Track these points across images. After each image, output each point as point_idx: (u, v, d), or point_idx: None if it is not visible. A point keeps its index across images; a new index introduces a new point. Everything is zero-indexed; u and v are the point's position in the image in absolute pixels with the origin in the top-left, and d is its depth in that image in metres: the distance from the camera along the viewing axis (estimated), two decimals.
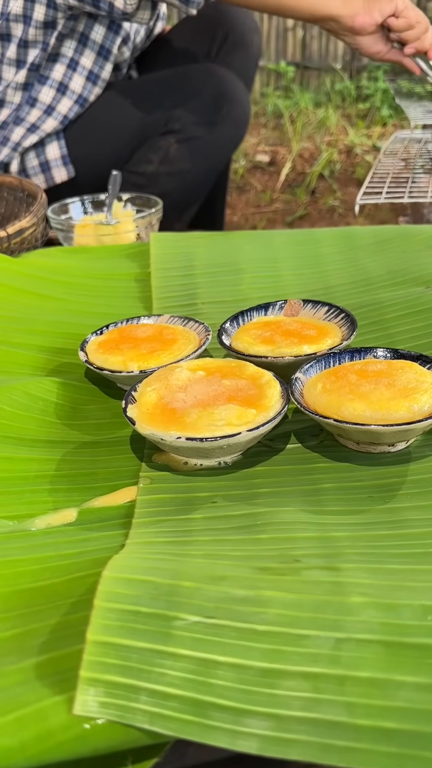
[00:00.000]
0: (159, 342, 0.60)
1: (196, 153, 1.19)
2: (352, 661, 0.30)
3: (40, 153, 1.15)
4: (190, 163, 1.19)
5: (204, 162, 1.21)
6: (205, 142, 1.18)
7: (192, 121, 1.17)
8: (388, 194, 0.96)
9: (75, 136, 1.16)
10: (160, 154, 1.18)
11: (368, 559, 0.37)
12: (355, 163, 2.42)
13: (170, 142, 1.17)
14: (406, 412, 0.46)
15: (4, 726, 0.28)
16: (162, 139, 1.17)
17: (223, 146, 1.23)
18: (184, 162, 1.19)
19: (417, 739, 0.28)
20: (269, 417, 0.48)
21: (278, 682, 0.30)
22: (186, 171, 1.20)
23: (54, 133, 1.14)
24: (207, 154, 1.20)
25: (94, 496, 0.47)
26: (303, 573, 0.35)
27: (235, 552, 0.38)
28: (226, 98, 1.17)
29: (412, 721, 0.29)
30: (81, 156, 1.17)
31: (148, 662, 0.30)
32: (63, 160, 1.16)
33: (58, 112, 1.13)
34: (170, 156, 1.18)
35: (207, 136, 1.18)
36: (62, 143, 1.15)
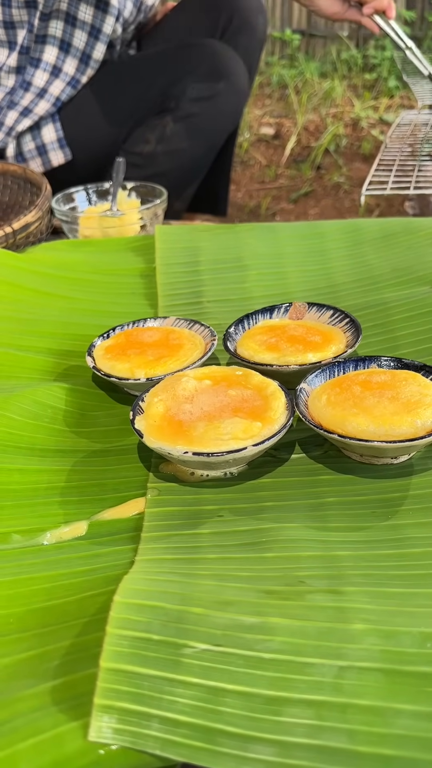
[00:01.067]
0: (165, 347, 0.60)
1: (193, 131, 1.17)
2: (353, 689, 0.32)
3: (36, 136, 1.14)
4: (187, 141, 1.17)
5: (202, 139, 1.19)
6: (202, 120, 1.17)
7: (188, 99, 1.15)
8: (393, 185, 0.96)
9: (70, 118, 1.15)
10: (156, 133, 1.16)
11: (370, 581, 0.38)
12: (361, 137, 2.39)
13: (167, 120, 1.16)
14: (409, 427, 0.47)
15: (24, 752, 0.30)
16: (158, 119, 1.16)
17: (221, 123, 1.21)
18: (181, 141, 1.17)
19: (414, 766, 0.30)
20: (274, 430, 0.49)
21: (283, 709, 0.31)
22: (184, 149, 1.18)
23: (48, 116, 1.13)
24: (205, 132, 1.19)
25: (103, 507, 0.48)
26: (307, 597, 0.37)
27: (242, 572, 0.40)
28: (223, 74, 1.15)
29: (410, 748, 0.30)
30: (77, 138, 1.16)
31: (159, 690, 0.31)
32: (59, 143, 1.15)
33: (51, 94, 1.12)
34: (167, 135, 1.16)
35: (204, 113, 1.16)
36: (57, 126, 1.14)
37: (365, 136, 2.37)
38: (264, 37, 1.26)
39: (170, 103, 1.14)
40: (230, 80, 1.15)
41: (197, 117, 1.16)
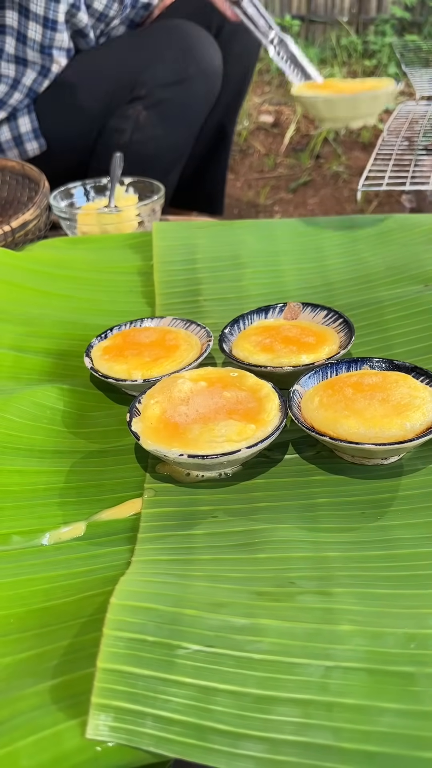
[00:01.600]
0: (162, 348, 0.61)
1: (167, 116, 1.16)
2: (339, 688, 0.33)
3: (13, 127, 1.14)
4: (162, 128, 1.16)
5: (177, 124, 1.18)
6: (174, 105, 1.15)
7: (158, 84, 1.13)
8: (390, 180, 0.96)
9: (45, 108, 1.14)
10: (130, 123, 1.16)
11: (358, 582, 0.40)
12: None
13: (138, 109, 1.15)
14: (399, 429, 0.49)
15: (25, 749, 0.31)
16: (130, 107, 1.15)
17: (194, 107, 1.19)
18: (155, 127, 1.16)
19: (397, 762, 0.31)
20: (268, 432, 0.50)
21: (272, 708, 0.33)
22: (160, 136, 1.17)
23: (23, 107, 1.13)
24: (178, 117, 1.17)
25: (101, 508, 0.49)
26: (297, 598, 0.38)
27: (234, 573, 0.41)
28: (192, 56, 1.13)
29: (393, 745, 0.31)
30: (52, 128, 1.16)
31: (154, 689, 0.33)
32: (34, 134, 1.15)
33: (23, 85, 1.12)
34: (141, 123, 1.16)
35: (175, 98, 1.15)
36: (33, 116, 1.14)
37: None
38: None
39: (141, 90, 1.13)
40: (200, 63, 1.13)
41: (169, 102, 1.15)
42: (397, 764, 0.31)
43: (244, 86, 1.29)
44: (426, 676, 0.33)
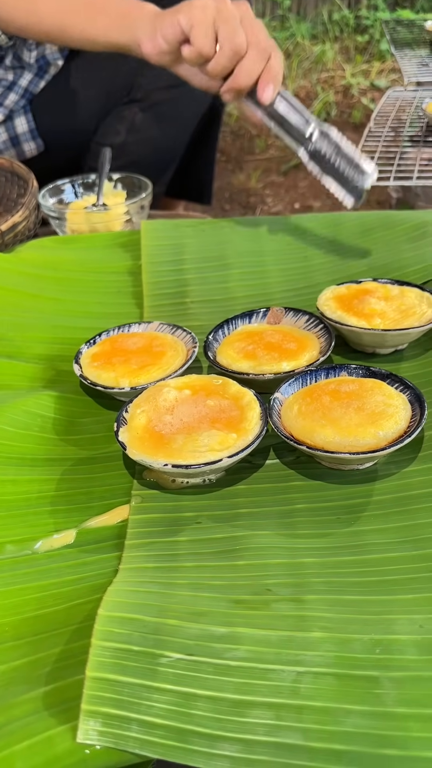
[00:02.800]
0: (149, 355, 0.63)
1: (162, 119, 1.17)
2: (308, 692, 0.36)
3: (9, 128, 1.15)
4: (157, 129, 1.18)
5: (172, 126, 1.19)
6: (169, 107, 1.17)
7: (154, 88, 1.14)
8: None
9: (42, 109, 1.16)
10: (126, 124, 1.17)
11: (331, 588, 0.42)
12: (351, 105, 2.38)
13: (134, 111, 1.16)
14: (372, 438, 0.51)
15: (19, 753, 0.34)
16: (126, 109, 1.16)
17: (190, 109, 1.20)
18: (151, 129, 1.17)
19: (362, 759, 0.34)
20: (248, 441, 0.53)
21: (247, 711, 0.35)
22: (155, 138, 1.19)
23: (19, 108, 1.14)
24: (174, 119, 1.19)
25: (90, 515, 0.52)
26: (272, 606, 0.41)
27: (215, 581, 0.44)
28: None
29: (357, 743, 0.34)
30: (49, 129, 1.17)
31: (138, 696, 0.36)
32: (31, 134, 1.16)
33: (19, 86, 1.13)
34: (137, 125, 1.17)
35: (171, 100, 1.16)
36: (29, 117, 1.15)
37: (356, 104, 2.36)
38: None
39: (137, 93, 1.14)
40: None
41: (165, 105, 1.16)
42: (362, 761, 0.34)
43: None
44: (389, 679, 0.36)
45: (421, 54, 1.63)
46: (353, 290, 0.68)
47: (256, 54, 0.73)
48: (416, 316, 0.64)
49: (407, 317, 0.64)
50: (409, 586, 0.42)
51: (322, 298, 0.67)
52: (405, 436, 0.51)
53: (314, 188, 1.95)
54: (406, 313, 0.64)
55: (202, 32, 0.72)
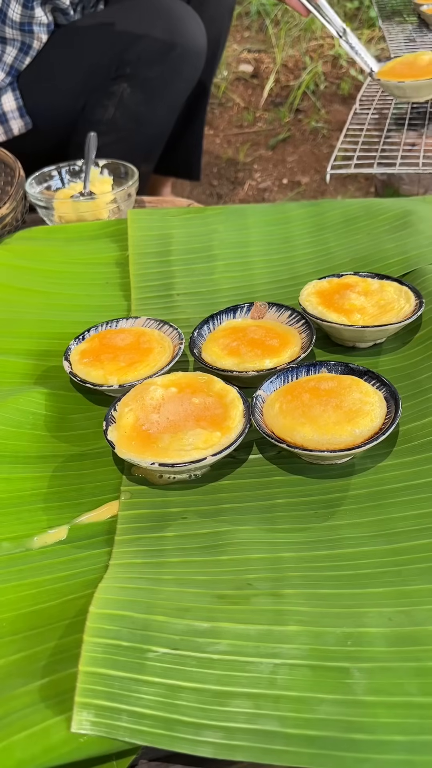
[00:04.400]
0: (136, 352, 0.65)
1: (151, 95, 1.16)
2: (285, 683, 0.39)
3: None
4: (146, 105, 1.17)
5: (161, 102, 1.19)
6: (158, 83, 1.16)
7: (143, 63, 1.13)
8: (358, 162, 0.99)
9: (29, 86, 1.15)
10: (114, 100, 1.16)
11: (307, 582, 0.45)
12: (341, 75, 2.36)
13: (123, 87, 1.15)
14: (349, 436, 0.54)
15: (18, 742, 0.37)
16: (114, 84, 1.15)
17: (179, 85, 1.20)
18: (140, 105, 1.17)
19: (333, 743, 0.37)
20: (232, 439, 0.55)
21: (228, 701, 0.38)
22: (143, 114, 1.18)
23: (6, 85, 1.13)
24: (162, 95, 1.18)
25: (82, 511, 0.55)
26: (252, 600, 0.44)
27: (200, 576, 0.46)
28: (177, 35, 1.13)
29: (329, 729, 0.37)
30: (37, 106, 1.16)
31: (128, 688, 0.39)
32: (19, 112, 1.16)
33: (5, 63, 1.12)
34: (125, 101, 1.16)
35: (159, 76, 1.15)
36: (17, 94, 1.15)
37: (344, 74, 2.34)
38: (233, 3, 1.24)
39: (125, 69, 1.13)
40: (185, 41, 1.13)
41: (153, 81, 1.15)
42: (333, 745, 0.37)
43: (217, 53, 1.29)
44: (358, 669, 0.39)
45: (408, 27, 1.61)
46: (334, 285, 0.70)
47: None
48: (394, 311, 0.66)
49: (386, 313, 0.66)
50: (380, 580, 0.45)
51: (304, 294, 0.69)
52: (379, 434, 0.53)
53: (302, 163, 1.95)
54: (385, 309, 0.66)
55: None
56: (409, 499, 0.52)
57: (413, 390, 0.61)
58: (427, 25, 1.58)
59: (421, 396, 0.61)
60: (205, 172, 1.93)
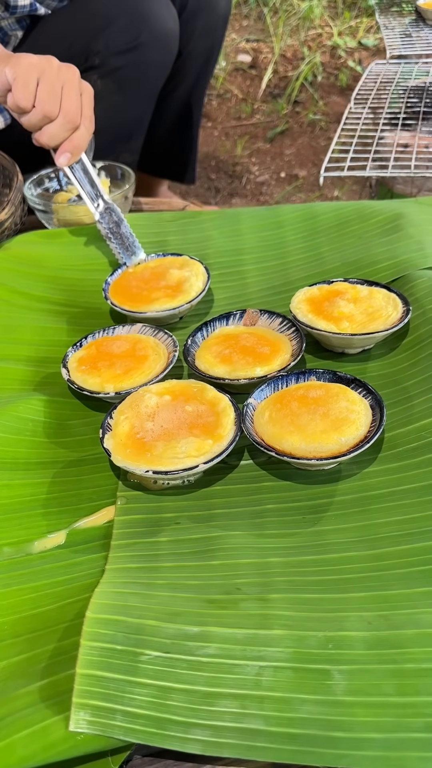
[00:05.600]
0: (132, 359, 0.68)
1: (123, 85, 1.15)
2: (269, 684, 0.41)
3: None
4: (119, 95, 1.15)
5: (134, 91, 1.17)
6: (129, 72, 1.14)
7: (111, 53, 1.12)
8: (351, 164, 1.00)
9: None
10: None
11: (293, 587, 0.48)
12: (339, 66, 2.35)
13: (93, 78, 1.14)
14: (335, 444, 0.56)
15: (19, 741, 0.40)
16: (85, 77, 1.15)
17: (151, 72, 1.18)
18: (113, 95, 1.15)
19: (314, 740, 0.40)
20: (223, 447, 0.57)
21: (216, 701, 0.41)
22: (117, 104, 1.16)
23: None
24: (135, 83, 1.16)
25: (79, 516, 0.57)
26: (240, 605, 0.46)
27: (191, 581, 0.49)
28: (144, 21, 1.11)
29: (311, 727, 0.40)
30: None
31: (122, 690, 0.41)
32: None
33: None
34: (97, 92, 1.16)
35: (129, 64, 1.13)
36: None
37: (343, 64, 2.34)
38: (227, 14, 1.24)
39: (94, 60, 1.12)
40: (153, 27, 1.12)
41: (123, 69, 1.13)
42: (314, 742, 0.40)
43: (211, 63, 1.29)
44: (339, 671, 0.42)
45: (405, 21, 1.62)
46: (324, 291, 0.72)
47: (63, 122, 0.81)
48: (382, 319, 0.68)
49: (374, 320, 0.68)
50: (362, 585, 0.48)
51: (294, 301, 0.71)
52: (364, 442, 0.56)
53: (300, 156, 1.96)
54: (373, 316, 0.68)
55: (21, 87, 0.79)
56: (392, 504, 0.54)
57: (399, 396, 0.63)
58: (424, 20, 1.58)
59: (406, 402, 0.63)
60: (203, 166, 1.94)
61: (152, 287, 0.77)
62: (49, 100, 0.79)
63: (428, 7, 1.56)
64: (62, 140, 0.83)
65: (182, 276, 0.77)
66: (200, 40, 1.19)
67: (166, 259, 0.81)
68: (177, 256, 0.81)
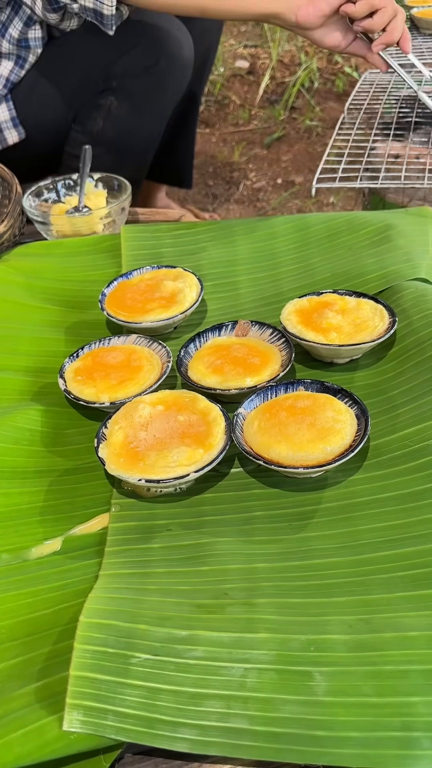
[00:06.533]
0: (127, 370, 0.70)
1: (138, 107, 1.20)
2: (254, 685, 0.43)
3: None
4: (133, 117, 1.20)
5: (148, 115, 1.22)
6: (145, 96, 1.19)
7: (129, 77, 1.17)
8: (343, 175, 1.02)
9: (21, 97, 1.18)
10: (102, 112, 1.19)
11: (278, 592, 0.50)
12: (336, 71, 2.37)
13: (110, 100, 1.19)
14: (321, 453, 0.58)
15: (16, 740, 0.42)
16: (102, 98, 1.19)
17: (166, 98, 1.23)
18: (127, 117, 1.20)
19: (295, 738, 0.42)
20: (213, 456, 0.59)
21: (202, 701, 0.43)
22: (131, 125, 1.21)
23: (1, 97, 1.17)
24: (149, 107, 1.21)
25: (75, 524, 0.59)
26: (227, 609, 0.48)
27: (181, 586, 0.51)
28: (163, 47, 1.16)
29: (293, 726, 0.42)
30: (29, 117, 1.20)
31: (113, 691, 0.43)
32: (12, 122, 1.19)
33: (1, 76, 1.15)
34: (113, 113, 1.19)
35: (146, 90, 1.18)
36: (10, 105, 1.18)
37: (339, 70, 2.36)
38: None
39: (112, 83, 1.16)
40: (170, 53, 1.16)
41: (139, 94, 1.18)
42: (296, 741, 0.42)
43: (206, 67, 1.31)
44: (320, 673, 0.44)
45: None
46: (314, 303, 0.74)
47: (401, 16, 0.92)
48: (369, 330, 0.70)
49: (361, 331, 0.70)
50: (345, 589, 0.50)
51: (285, 312, 0.73)
52: (348, 451, 0.58)
53: (297, 162, 1.98)
54: (360, 327, 0.70)
55: None
56: (375, 512, 0.56)
57: (385, 405, 0.65)
58: (418, 29, 1.60)
59: (392, 411, 0.65)
60: (201, 172, 1.96)
61: (147, 298, 0.79)
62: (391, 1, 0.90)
63: (422, 16, 1.58)
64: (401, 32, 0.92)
65: (176, 287, 0.80)
66: (197, 43, 1.22)
67: (160, 271, 0.83)
68: (171, 268, 0.83)
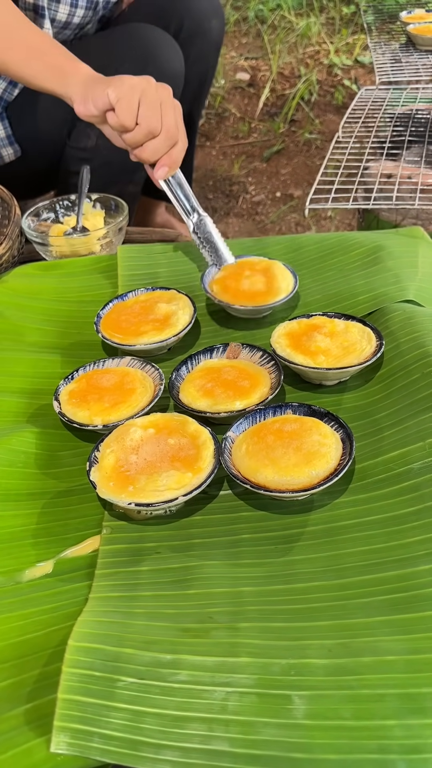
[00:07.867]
0: (120, 392, 0.71)
1: None
2: (235, 708, 0.45)
3: None
4: None
5: None
6: None
7: None
8: (336, 195, 1.04)
9: (16, 115, 1.20)
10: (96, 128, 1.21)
11: (262, 616, 0.51)
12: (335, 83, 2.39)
13: None
14: (306, 477, 0.59)
15: (4, 762, 0.43)
16: None
17: None
18: None
19: (275, 761, 0.43)
20: (202, 479, 0.61)
21: (185, 724, 0.44)
22: None
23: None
24: None
25: (67, 546, 0.61)
26: (212, 633, 0.49)
27: (168, 609, 0.52)
28: (152, 60, 1.17)
29: (272, 749, 0.43)
30: (25, 134, 1.22)
31: (99, 713, 0.45)
32: (8, 140, 1.22)
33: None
34: None
35: None
36: (6, 123, 1.20)
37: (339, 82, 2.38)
38: (220, 40, 1.28)
39: None
40: (160, 66, 1.17)
41: None
42: (275, 763, 0.43)
43: (205, 87, 1.33)
44: (299, 696, 0.45)
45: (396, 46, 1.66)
46: (303, 326, 0.75)
47: (165, 138, 0.87)
48: (356, 353, 0.71)
49: (348, 354, 0.71)
50: (326, 613, 0.51)
51: (275, 335, 0.75)
52: (333, 475, 0.59)
53: (295, 176, 2.00)
54: (348, 350, 0.72)
55: (125, 107, 0.85)
56: (359, 535, 0.57)
57: (370, 428, 0.67)
58: (414, 45, 1.62)
59: (377, 434, 0.66)
60: (200, 185, 1.98)
61: (141, 321, 0.81)
62: (152, 117, 0.85)
63: (419, 32, 1.60)
64: (162, 155, 0.88)
65: (170, 310, 0.81)
66: (194, 65, 1.24)
67: (155, 293, 0.85)
68: (165, 290, 0.85)
